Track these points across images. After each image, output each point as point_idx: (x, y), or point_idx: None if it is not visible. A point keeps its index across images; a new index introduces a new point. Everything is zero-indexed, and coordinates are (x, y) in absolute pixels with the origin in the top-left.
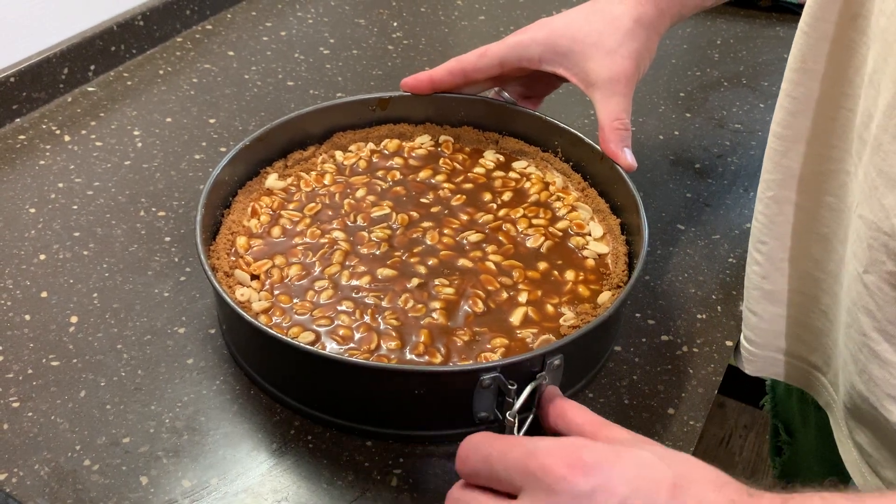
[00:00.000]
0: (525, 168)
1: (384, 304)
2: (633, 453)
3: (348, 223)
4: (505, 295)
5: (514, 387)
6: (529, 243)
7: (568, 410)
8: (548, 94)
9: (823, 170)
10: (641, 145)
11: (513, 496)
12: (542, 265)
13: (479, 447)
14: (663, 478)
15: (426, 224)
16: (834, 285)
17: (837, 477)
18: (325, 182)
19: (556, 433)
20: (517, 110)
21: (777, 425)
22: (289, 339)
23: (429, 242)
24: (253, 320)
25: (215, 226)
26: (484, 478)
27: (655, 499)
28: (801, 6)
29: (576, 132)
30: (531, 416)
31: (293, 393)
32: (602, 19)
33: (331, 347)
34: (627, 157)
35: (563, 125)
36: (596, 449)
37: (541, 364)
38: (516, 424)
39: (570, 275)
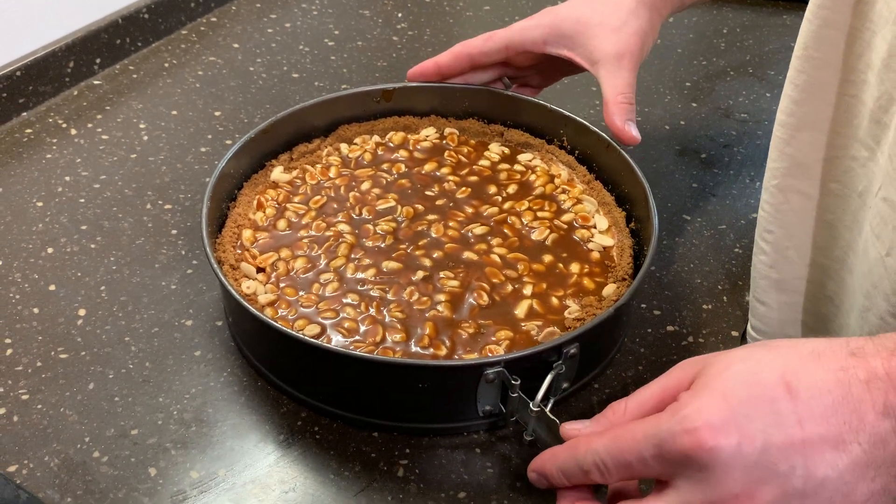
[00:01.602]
0: (530, 161)
1: (389, 296)
2: (733, 384)
3: (353, 216)
4: (510, 288)
5: (518, 382)
6: (534, 236)
7: (615, 413)
8: (551, 83)
9: (828, 156)
10: (647, 135)
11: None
12: (547, 258)
13: (620, 454)
14: (775, 385)
15: (431, 217)
16: (840, 271)
17: None
18: (331, 175)
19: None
20: (522, 100)
21: None
22: (294, 333)
23: (434, 235)
24: (258, 313)
25: (221, 219)
26: (629, 477)
27: (782, 415)
28: None
29: (582, 120)
30: (551, 402)
31: (299, 385)
32: (605, 1)
33: (336, 340)
34: (631, 131)
35: (569, 114)
36: (707, 406)
37: (558, 354)
38: (546, 410)
39: (575, 267)
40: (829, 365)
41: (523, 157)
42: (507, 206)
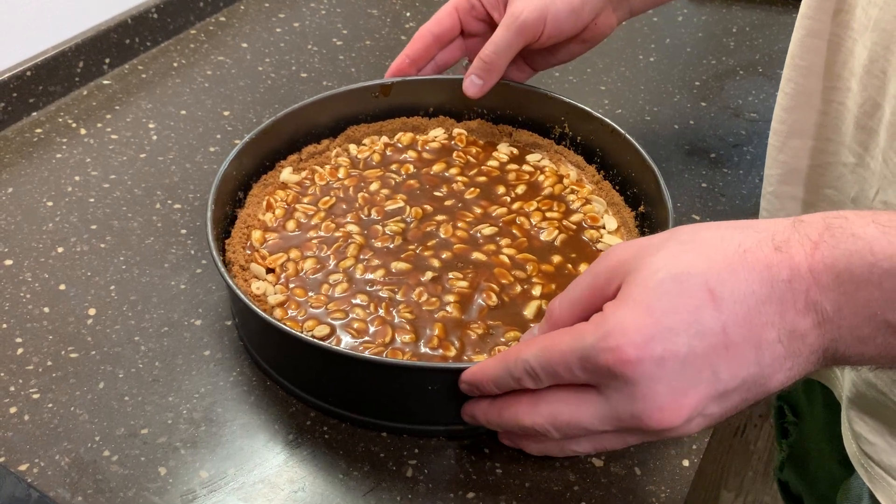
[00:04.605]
0: (539, 161)
1: (398, 297)
2: (657, 295)
3: (362, 217)
4: (519, 288)
5: None
6: (543, 236)
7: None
8: (524, 76)
9: (821, 163)
10: (656, 135)
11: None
12: (556, 258)
13: (549, 364)
14: (699, 294)
15: (440, 217)
16: None
17: (847, 457)
18: (339, 176)
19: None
20: (523, 88)
21: (782, 406)
22: (301, 335)
23: (442, 236)
24: (265, 315)
25: (231, 219)
26: (560, 383)
27: (706, 325)
28: None
29: (584, 107)
30: None
31: (307, 387)
32: None
33: (346, 341)
34: (466, 82)
35: (570, 100)
36: (631, 322)
37: None
38: None
39: (584, 268)
40: (755, 264)
41: (532, 158)
42: (515, 206)
